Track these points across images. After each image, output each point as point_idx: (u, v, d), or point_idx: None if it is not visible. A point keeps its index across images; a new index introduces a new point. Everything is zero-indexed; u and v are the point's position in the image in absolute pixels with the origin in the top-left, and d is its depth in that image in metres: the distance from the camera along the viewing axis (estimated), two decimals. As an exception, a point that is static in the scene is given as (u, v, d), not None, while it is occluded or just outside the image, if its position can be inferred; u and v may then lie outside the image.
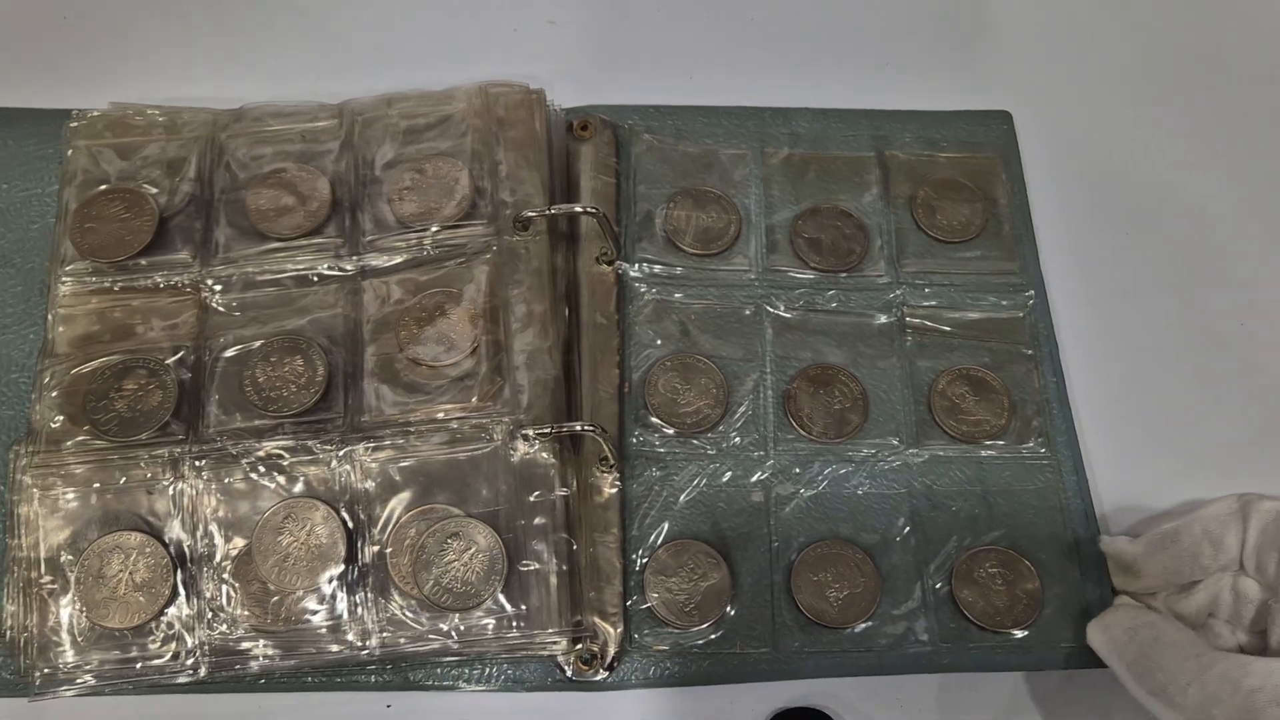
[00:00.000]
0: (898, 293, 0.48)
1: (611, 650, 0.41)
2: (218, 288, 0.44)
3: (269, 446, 0.41)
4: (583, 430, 0.41)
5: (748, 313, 0.47)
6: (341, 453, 0.41)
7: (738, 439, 0.45)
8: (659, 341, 0.46)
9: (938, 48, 0.55)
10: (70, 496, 0.40)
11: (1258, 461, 0.46)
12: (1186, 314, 0.49)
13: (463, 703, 0.41)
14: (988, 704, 0.42)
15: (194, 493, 0.40)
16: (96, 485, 0.40)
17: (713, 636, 0.41)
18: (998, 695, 0.42)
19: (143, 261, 0.44)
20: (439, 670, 0.40)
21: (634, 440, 0.45)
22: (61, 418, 0.41)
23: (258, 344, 0.43)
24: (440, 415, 0.42)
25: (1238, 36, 0.56)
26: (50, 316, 0.43)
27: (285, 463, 0.41)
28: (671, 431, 0.45)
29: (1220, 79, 0.55)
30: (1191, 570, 0.39)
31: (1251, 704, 0.31)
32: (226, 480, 0.41)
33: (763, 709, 0.41)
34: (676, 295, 0.47)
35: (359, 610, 0.40)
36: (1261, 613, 0.37)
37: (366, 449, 0.41)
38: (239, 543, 0.40)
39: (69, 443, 0.41)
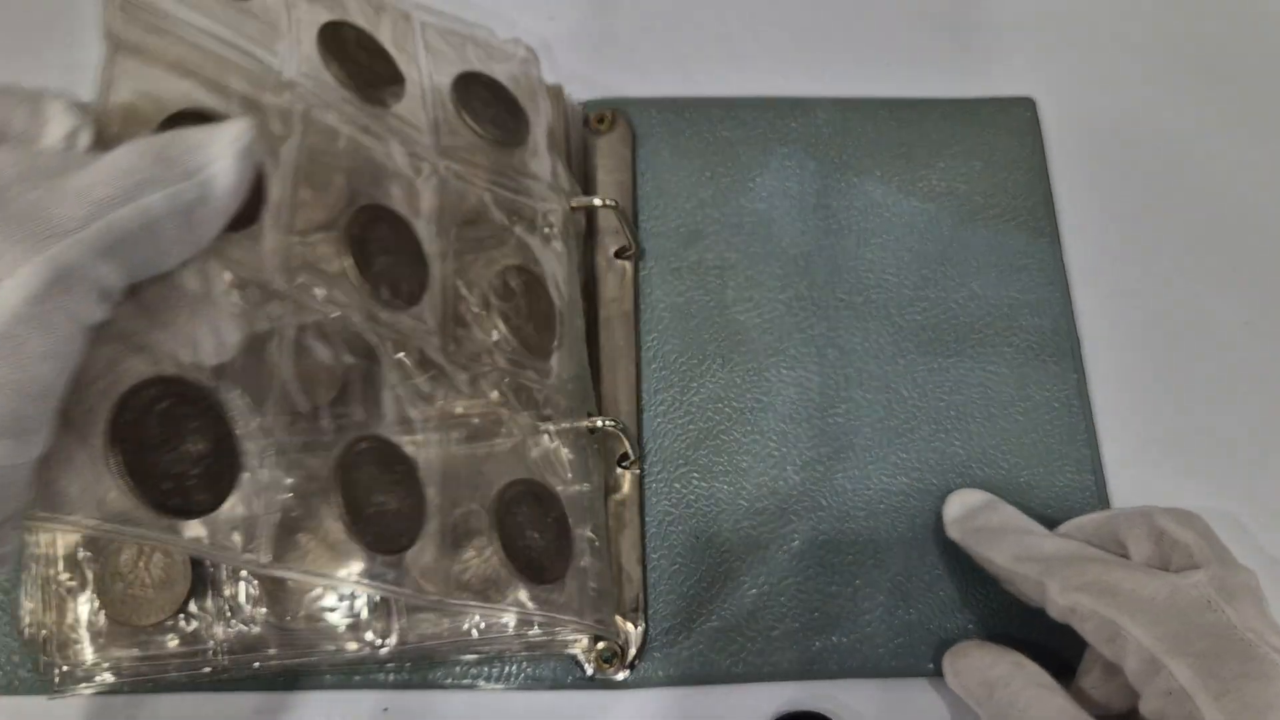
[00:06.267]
0: (925, 287, 0.48)
1: (633, 649, 0.40)
2: (234, 283, 0.44)
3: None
4: (604, 425, 0.41)
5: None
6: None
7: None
8: (678, 337, 0.46)
9: (959, 33, 0.54)
10: (88, 493, 0.40)
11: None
12: (1214, 309, 0.48)
13: (468, 703, 0.40)
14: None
15: (212, 489, 0.40)
16: (114, 482, 0.40)
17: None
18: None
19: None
20: (458, 669, 0.40)
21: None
22: (78, 414, 0.41)
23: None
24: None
25: (1270, 19, 0.55)
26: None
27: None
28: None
29: (1254, 64, 0.53)
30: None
31: None
32: (244, 477, 0.40)
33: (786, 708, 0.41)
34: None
35: (378, 608, 0.39)
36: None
37: (385, 445, 0.41)
38: (257, 540, 0.40)
39: (86, 439, 0.41)
